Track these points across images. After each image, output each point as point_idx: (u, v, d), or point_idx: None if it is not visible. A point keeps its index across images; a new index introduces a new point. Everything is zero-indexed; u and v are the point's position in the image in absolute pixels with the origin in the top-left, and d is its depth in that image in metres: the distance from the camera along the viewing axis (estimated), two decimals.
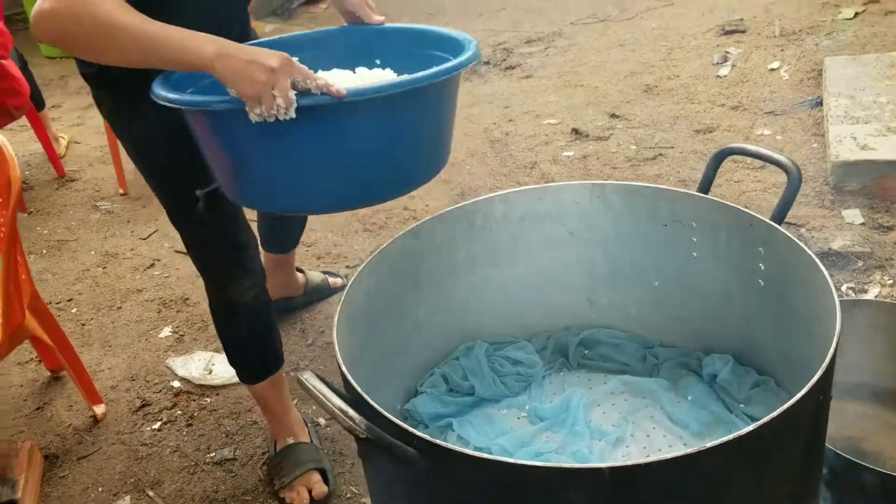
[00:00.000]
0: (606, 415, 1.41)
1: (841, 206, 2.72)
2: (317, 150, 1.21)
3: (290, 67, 1.15)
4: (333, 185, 1.25)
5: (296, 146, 1.21)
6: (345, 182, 1.24)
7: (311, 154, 1.22)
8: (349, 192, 1.26)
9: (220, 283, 1.70)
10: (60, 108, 4.62)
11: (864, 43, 3.79)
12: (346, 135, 1.20)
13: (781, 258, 1.24)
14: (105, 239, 3.18)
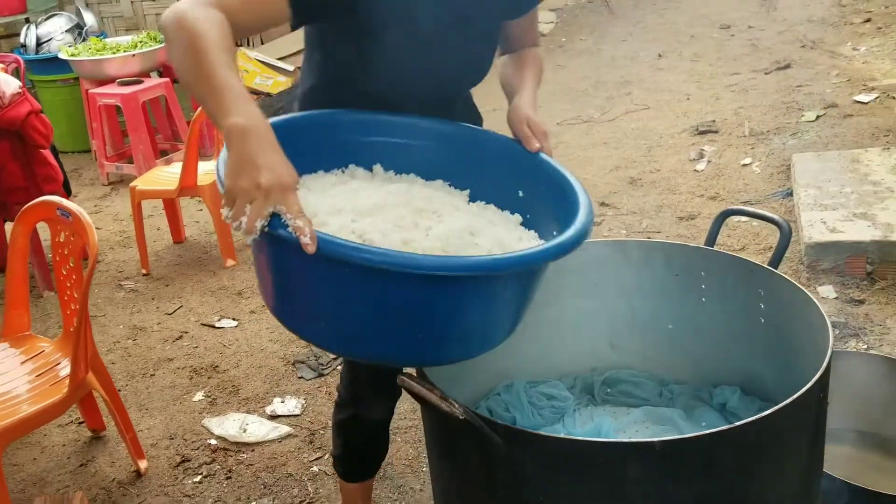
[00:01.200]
0: (633, 439, 1.62)
1: (816, 283, 3.01)
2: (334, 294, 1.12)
3: (281, 197, 1.07)
4: (372, 336, 1.15)
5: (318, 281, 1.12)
6: (388, 338, 1.15)
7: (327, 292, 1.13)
8: (389, 349, 1.16)
9: (359, 395, 1.81)
10: (77, 197, 4.86)
11: (826, 142, 4.19)
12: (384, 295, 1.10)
13: (779, 298, 1.50)
14: (132, 314, 3.37)
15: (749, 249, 3.28)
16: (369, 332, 1.14)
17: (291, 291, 1.17)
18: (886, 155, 3.65)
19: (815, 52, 5.79)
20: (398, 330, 1.13)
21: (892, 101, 4.51)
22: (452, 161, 1.48)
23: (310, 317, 1.17)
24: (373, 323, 1.13)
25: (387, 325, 1.13)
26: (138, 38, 5.35)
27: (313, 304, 1.15)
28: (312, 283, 1.13)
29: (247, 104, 1.12)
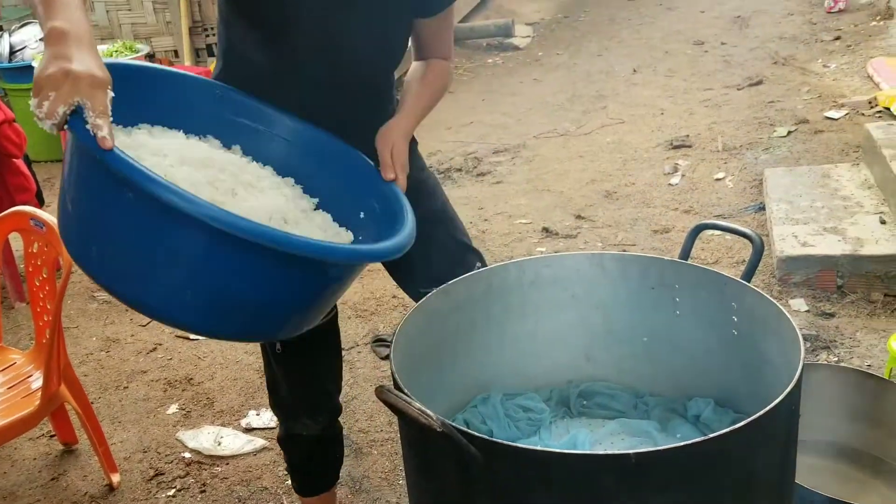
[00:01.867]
0: (609, 451, 1.63)
1: (788, 296, 3.05)
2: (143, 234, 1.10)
3: (89, 91, 1.06)
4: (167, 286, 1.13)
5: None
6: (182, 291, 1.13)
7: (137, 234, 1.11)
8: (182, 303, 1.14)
9: (287, 415, 1.83)
10: (50, 207, 4.80)
11: (797, 157, 4.26)
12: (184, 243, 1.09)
13: (751, 311, 1.52)
14: (105, 326, 3.34)
15: (722, 263, 3.32)
16: (137, 269, 1.13)
17: (75, 206, 1.17)
18: (856, 170, 3.72)
19: (787, 69, 5.89)
20: (166, 277, 1.12)
21: (862, 118, 4.59)
22: (308, 166, 1.48)
23: (84, 238, 1.17)
24: (141, 261, 1.12)
25: (155, 267, 1.11)
26: (114, 48, 5.32)
27: (88, 222, 1.15)
28: (93, 198, 1.13)
29: (73, 10, 1.13)
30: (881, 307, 2.93)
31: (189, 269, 1.12)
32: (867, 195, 3.46)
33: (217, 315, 1.18)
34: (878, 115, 4.61)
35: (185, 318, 1.19)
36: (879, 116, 4.59)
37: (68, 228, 1.21)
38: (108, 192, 1.10)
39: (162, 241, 1.10)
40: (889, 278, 2.98)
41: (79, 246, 1.19)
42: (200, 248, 1.10)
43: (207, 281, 1.14)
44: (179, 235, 1.09)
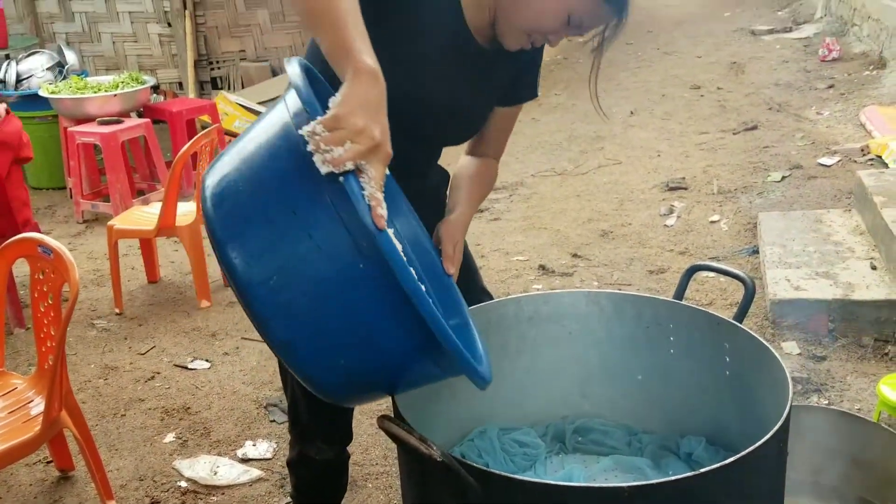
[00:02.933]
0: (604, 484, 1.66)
1: (780, 339, 3.10)
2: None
3: (377, 161, 1.06)
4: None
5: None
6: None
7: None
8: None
9: (303, 437, 1.87)
10: (51, 234, 4.84)
11: (791, 202, 4.33)
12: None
13: (743, 352, 1.56)
14: (104, 354, 3.36)
15: (716, 304, 3.36)
16: (324, 331, 1.11)
17: (280, 244, 1.09)
18: (848, 216, 3.79)
19: (781, 115, 6.00)
20: (346, 350, 1.12)
21: (854, 165, 4.68)
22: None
23: (273, 273, 1.09)
24: (333, 326, 1.10)
25: (342, 337, 1.11)
26: (120, 79, 5.40)
27: (291, 268, 1.09)
28: (317, 252, 1.07)
29: (370, 47, 1.12)
30: (871, 352, 2.97)
31: (371, 352, 1.13)
32: (858, 241, 3.52)
33: (350, 387, 1.22)
34: (870, 163, 4.70)
35: (321, 378, 1.18)
36: (871, 164, 4.67)
37: (252, 254, 1.11)
38: (343, 258, 1.07)
39: (369, 322, 1.10)
40: (879, 323, 3.02)
41: (258, 274, 1.10)
42: (402, 342, 1.11)
43: (377, 365, 1.16)
44: (391, 326, 1.09)
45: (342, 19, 1.12)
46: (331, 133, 1.04)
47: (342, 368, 1.15)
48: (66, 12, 7.14)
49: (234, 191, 1.13)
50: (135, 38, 7.16)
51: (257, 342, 3.36)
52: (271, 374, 3.11)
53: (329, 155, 1.04)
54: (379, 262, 1.03)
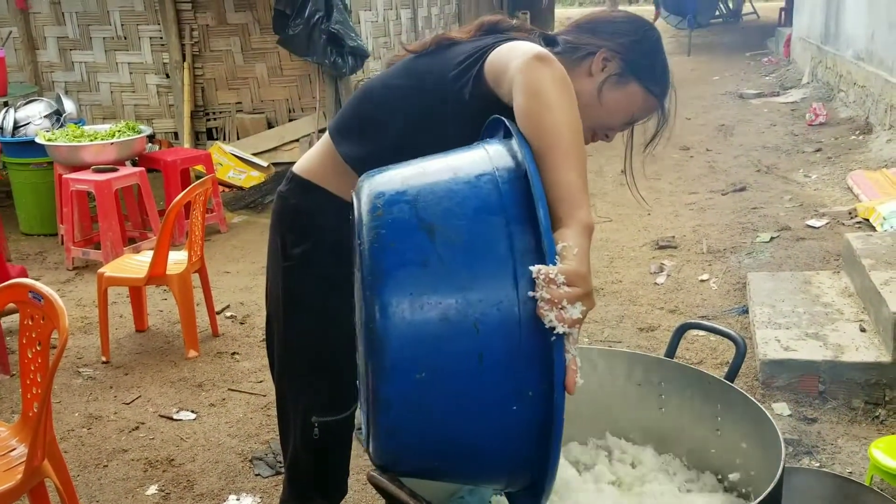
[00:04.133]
0: None
1: (770, 400, 3.09)
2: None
3: (581, 324, 1.03)
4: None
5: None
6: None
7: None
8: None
9: (301, 493, 1.86)
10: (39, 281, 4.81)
11: (780, 262, 4.36)
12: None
13: (734, 411, 1.56)
14: (88, 402, 3.31)
15: (707, 363, 3.36)
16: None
17: (439, 368, 1.03)
18: (836, 278, 3.81)
19: (770, 177, 6.09)
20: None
21: (842, 227, 4.73)
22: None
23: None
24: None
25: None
26: (116, 127, 5.44)
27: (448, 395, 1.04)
28: (487, 382, 1.03)
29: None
30: (862, 414, 2.97)
31: (472, 466, 1.14)
32: (847, 303, 3.54)
33: (416, 474, 1.21)
34: (858, 226, 4.75)
35: (400, 462, 1.15)
36: (859, 227, 4.73)
37: (414, 337, 1.03)
38: (502, 390, 1.03)
39: (489, 450, 1.09)
40: (869, 386, 3.02)
41: (409, 360, 1.03)
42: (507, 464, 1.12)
43: (464, 471, 1.18)
44: (508, 451, 1.09)
45: (586, 169, 1.13)
46: (570, 288, 1.00)
47: (429, 468, 1.16)
48: (66, 62, 7.23)
49: (420, 259, 1.04)
50: (133, 89, 7.24)
51: (244, 393, 3.33)
52: (257, 426, 3.07)
53: (562, 313, 0.99)
54: (540, 410, 1.03)
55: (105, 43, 7.15)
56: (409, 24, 8.49)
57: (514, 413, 1.04)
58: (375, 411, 1.06)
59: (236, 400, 3.28)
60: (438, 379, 1.02)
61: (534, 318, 1.01)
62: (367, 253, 1.05)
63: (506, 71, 1.29)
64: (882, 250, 3.57)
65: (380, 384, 1.03)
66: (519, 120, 1.19)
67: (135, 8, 7.02)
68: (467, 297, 1.02)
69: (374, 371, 1.03)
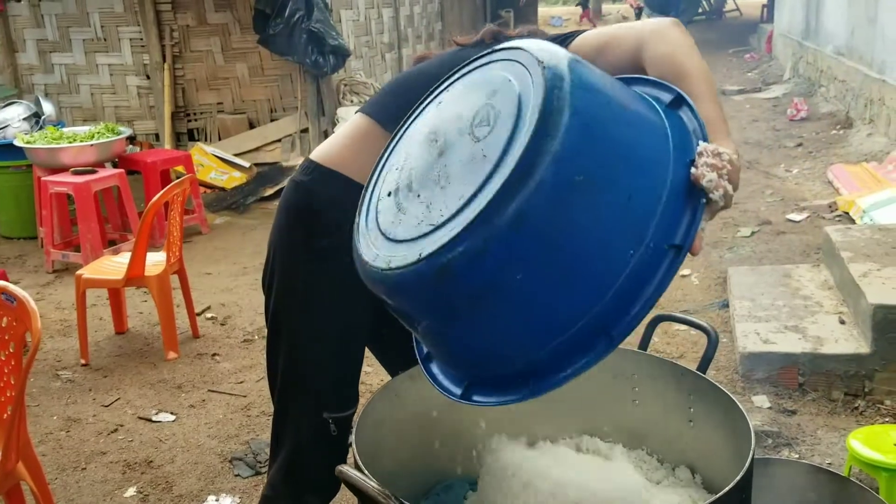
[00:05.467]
0: None
1: (750, 393, 3.10)
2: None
3: (736, 187, 1.19)
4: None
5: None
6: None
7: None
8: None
9: (299, 492, 1.84)
10: (20, 284, 4.78)
11: (760, 257, 4.38)
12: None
13: (707, 401, 1.56)
14: (67, 405, 3.29)
15: (687, 357, 3.37)
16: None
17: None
18: (816, 271, 3.83)
19: (751, 172, 6.11)
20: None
21: (822, 221, 4.76)
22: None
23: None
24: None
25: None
26: (96, 129, 5.40)
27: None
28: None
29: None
30: (841, 406, 2.98)
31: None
32: (827, 295, 3.55)
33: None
34: (838, 219, 4.78)
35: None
36: (839, 220, 4.76)
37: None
38: (626, 239, 1.11)
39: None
40: (848, 377, 3.04)
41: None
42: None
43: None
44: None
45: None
46: (728, 162, 1.16)
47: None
48: (45, 64, 7.18)
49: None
50: (113, 90, 7.19)
51: (224, 395, 3.31)
52: (237, 427, 3.05)
53: (720, 180, 1.14)
54: (648, 261, 1.11)
55: (85, 45, 7.10)
56: (391, 22, 8.48)
57: (628, 255, 1.10)
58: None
59: (216, 401, 3.26)
60: (590, 188, 1.07)
61: (685, 182, 1.14)
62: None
63: (620, 40, 1.48)
64: (861, 243, 3.59)
65: (539, 162, 1.04)
66: (662, 65, 1.38)
67: (114, 9, 6.98)
68: (634, 152, 1.13)
69: (538, 151, 1.04)
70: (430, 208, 1.12)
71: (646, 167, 1.12)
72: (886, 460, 2.22)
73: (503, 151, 1.05)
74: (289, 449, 1.83)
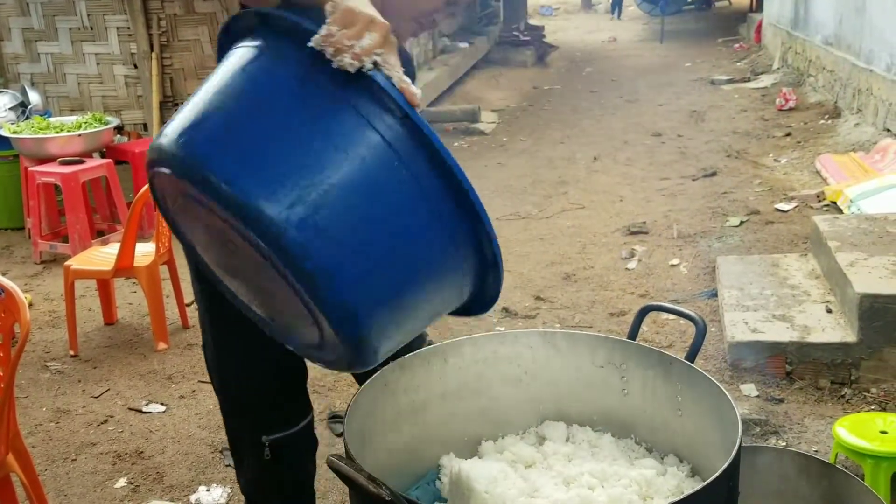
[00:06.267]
0: None
1: (738, 381, 3.12)
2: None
3: (390, 48, 1.06)
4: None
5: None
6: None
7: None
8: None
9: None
10: (7, 275, 4.75)
11: (749, 246, 4.40)
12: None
13: (694, 390, 1.57)
14: (56, 397, 3.28)
15: (676, 346, 3.39)
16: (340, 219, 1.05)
17: (257, 115, 1.06)
18: (804, 261, 3.86)
19: (740, 162, 6.14)
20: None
21: (810, 211, 4.78)
22: None
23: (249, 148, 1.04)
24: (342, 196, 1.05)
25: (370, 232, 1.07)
26: (83, 119, 5.37)
27: (276, 137, 1.05)
28: (313, 124, 1.04)
29: None
30: (828, 394, 3.01)
31: (409, 252, 1.11)
32: (814, 284, 3.58)
33: (384, 311, 1.13)
34: (826, 209, 4.80)
35: (358, 303, 1.08)
36: (827, 209, 4.78)
37: (277, 180, 1.03)
38: (353, 135, 1.05)
39: (408, 222, 1.09)
40: (835, 366, 3.06)
41: (286, 198, 1.03)
42: (437, 230, 1.13)
43: (412, 272, 1.13)
44: (427, 215, 1.11)
45: None
46: (348, 29, 1.03)
47: (382, 286, 1.10)
48: (31, 53, 7.11)
49: (238, 127, 1.07)
50: (100, 80, 7.13)
51: None
52: None
53: (353, 51, 1.03)
54: (415, 148, 1.06)
55: (71, 33, 7.04)
56: None
57: (398, 168, 1.07)
58: (301, 268, 1.04)
59: (206, 392, 3.26)
60: (323, 192, 1.04)
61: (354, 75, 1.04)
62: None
63: None
64: (848, 232, 3.61)
65: (286, 235, 1.02)
66: None
67: None
68: (298, 119, 1.07)
69: (272, 231, 1.02)
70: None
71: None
72: (872, 447, 2.24)
73: None
74: (247, 474, 1.84)
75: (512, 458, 1.69)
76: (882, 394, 2.96)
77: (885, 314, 2.97)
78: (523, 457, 1.68)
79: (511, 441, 1.77)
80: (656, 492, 1.53)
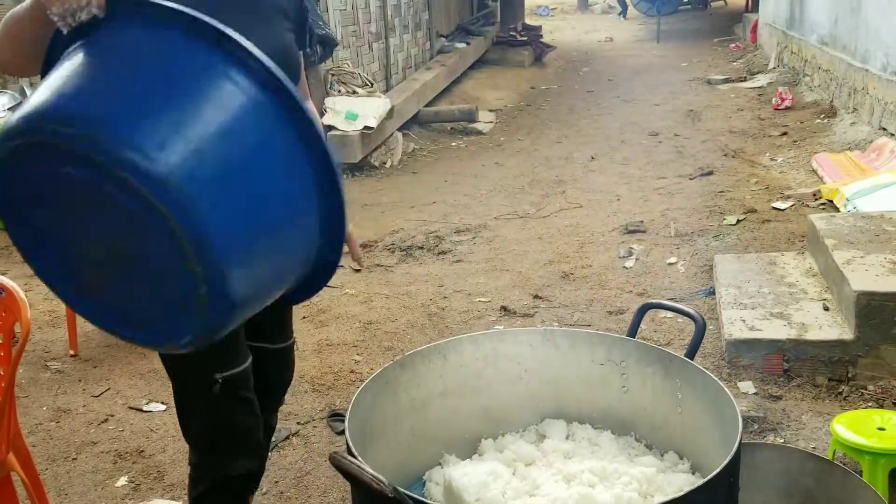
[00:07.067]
0: None
1: (736, 379, 3.13)
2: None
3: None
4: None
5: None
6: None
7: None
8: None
9: (223, 457, 1.83)
10: (7, 275, 4.74)
11: (746, 244, 4.42)
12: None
13: (694, 387, 1.59)
14: (57, 396, 3.29)
15: (674, 344, 3.40)
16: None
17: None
18: (801, 259, 3.87)
19: (736, 161, 6.15)
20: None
21: (807, 209, 4.80)
22: None
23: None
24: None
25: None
26: None
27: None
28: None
29: None
30: (825, 391, 3.02)
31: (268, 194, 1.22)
32: (811, 282, 3.59)
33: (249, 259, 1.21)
34: (822, 207, 4.82)
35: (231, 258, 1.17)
36: (823, 208, 4.80)
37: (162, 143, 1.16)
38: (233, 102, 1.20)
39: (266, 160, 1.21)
40: (833, 363, 3.08)
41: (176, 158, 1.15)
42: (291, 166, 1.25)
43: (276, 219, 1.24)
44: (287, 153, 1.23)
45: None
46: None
47: (234, 209, 1.18)
48: None
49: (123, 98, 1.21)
50: None
51: None
52: None
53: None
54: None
55: None
56: (378, 12, 8.45)
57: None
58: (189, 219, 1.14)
59: None
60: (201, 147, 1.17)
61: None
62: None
63: None
64: (845, 231, 3.63)
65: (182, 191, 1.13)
66: None
67: None
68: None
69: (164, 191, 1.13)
70: None
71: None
72: (869, 444, 2.26)
73: None
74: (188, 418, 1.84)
75: (512, 455, 1.70)
76: (879, 391, 2.98)
77: (882, 311, 2.99)
78: (523, 454, 1.69)
79: (511, 439, 1.79)
80: (657, 489, 1.54)
